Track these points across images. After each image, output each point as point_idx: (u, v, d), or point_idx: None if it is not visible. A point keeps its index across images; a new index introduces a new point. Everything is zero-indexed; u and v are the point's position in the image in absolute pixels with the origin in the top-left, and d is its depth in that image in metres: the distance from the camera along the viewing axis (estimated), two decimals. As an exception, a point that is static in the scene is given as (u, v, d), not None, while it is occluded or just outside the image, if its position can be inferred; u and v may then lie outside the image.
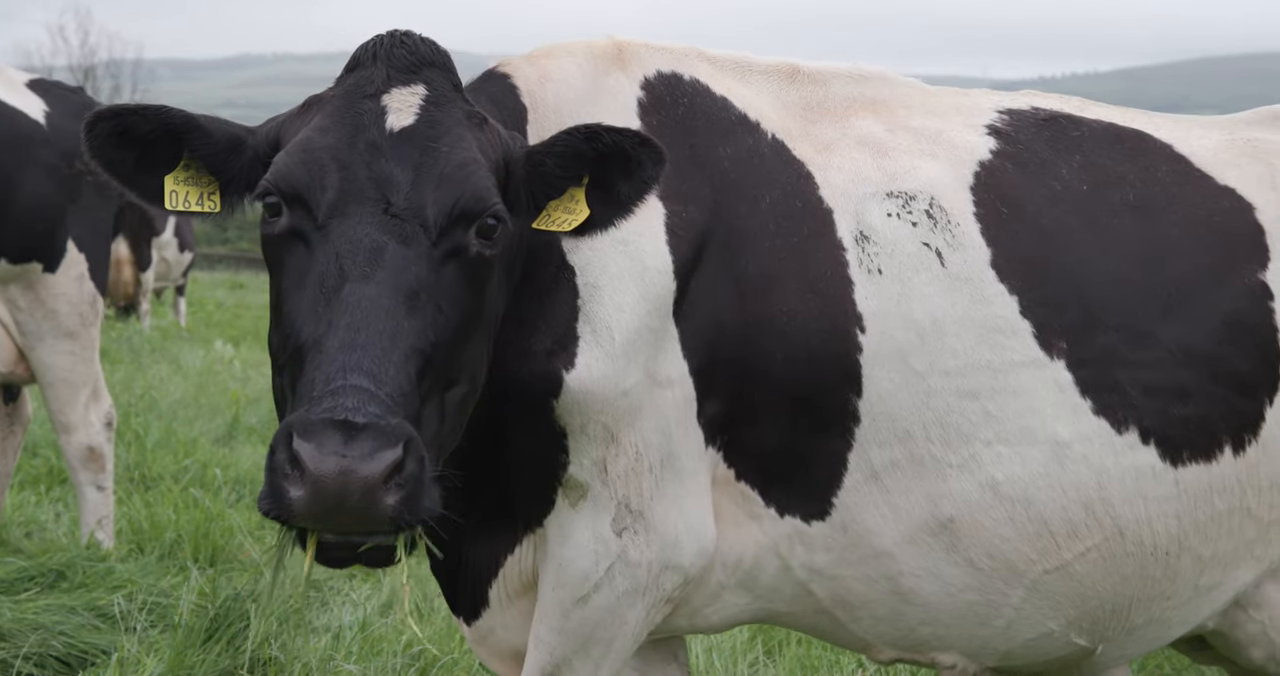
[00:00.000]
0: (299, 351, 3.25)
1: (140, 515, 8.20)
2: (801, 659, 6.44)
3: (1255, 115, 4.55)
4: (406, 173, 3.36)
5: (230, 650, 5.79)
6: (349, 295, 3.21)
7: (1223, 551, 4.06)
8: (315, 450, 2.98)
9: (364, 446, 2.98)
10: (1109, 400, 3.88)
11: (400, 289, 3.24)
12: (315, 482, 2.98)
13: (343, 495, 2.98)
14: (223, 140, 3.62)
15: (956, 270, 3.88)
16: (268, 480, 3.07)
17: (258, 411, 12.52)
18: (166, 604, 6.51)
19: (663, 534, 3.81)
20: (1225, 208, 4.11)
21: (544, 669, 3.91)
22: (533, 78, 3.99)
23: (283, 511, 3.04)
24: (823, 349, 3.81)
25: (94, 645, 6.21)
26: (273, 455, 3.06)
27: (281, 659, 5.77)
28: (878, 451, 3.86)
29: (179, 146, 3.60)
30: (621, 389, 3.70)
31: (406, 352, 3.19)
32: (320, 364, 3.13)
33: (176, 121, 3.59)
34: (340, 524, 3.06)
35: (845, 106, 4.19)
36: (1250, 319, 4.00)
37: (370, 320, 3.17)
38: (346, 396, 3.04)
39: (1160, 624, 4.13)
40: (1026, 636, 4.03)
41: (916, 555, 3.91)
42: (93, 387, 7.71)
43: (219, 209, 3.65)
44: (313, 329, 3.23)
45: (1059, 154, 4.11)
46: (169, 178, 3.61)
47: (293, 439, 3.02)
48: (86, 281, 7.50)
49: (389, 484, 3.01)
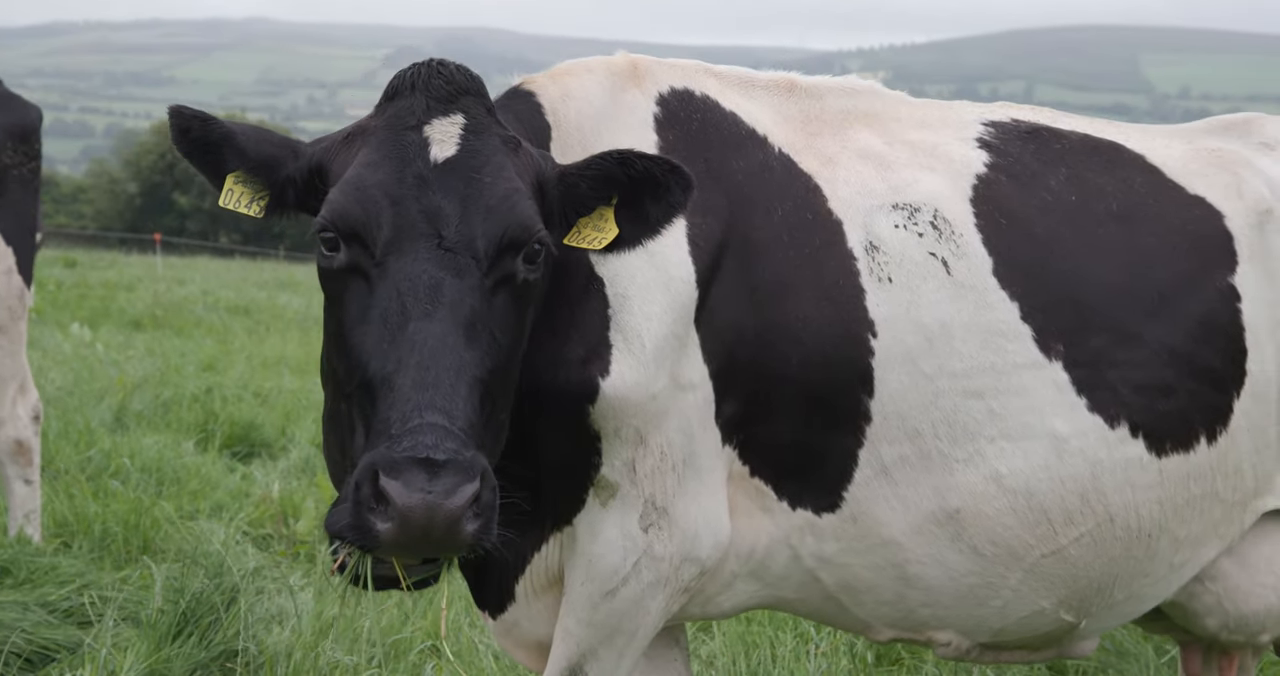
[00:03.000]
0: (368, 385, 3.48)
1: (63, 508, 8.19)
2: (742, 635, 6.69)
3: (1209, 125, 4.90)
4: (454, 204, 3.57)
5: (204, 644, 5.88)
6: (415, 333, 3.44)
7: (1194, 532, 4.40)
8: (402, 487, 3.24)
9: (447, 482, 3.25)
10: (1102, 398, 4.20)
11: (460, 323, 3.47)
12: (403, 517, 3.24)
13: (429, 527, 3.25)
14: (256, 159, 3.82)
15: (961, 278, 4.16)
16: (353, 512, 3.31)
17: (142, 397, 12.45)
18: (122, 599, 6.56)
19: (684, 528, 4.04)
20: (1197, 216, 4.44)
21: (571, 659, 4.12)
22: (556, 96, 4.18)
23: (369, 542, 3.31)
24: (836, 353, 4.07)
25: (53, 641, 6.26)
26: (358, 490, 3.30)
27: (254, 650, 5.88)
28: (888, 448, 4.12)
29: (224, 157, 3.83)
30: (651, 393, 3.92)
31: (470, 384, 3.43)
32: (394, 402, 3.37)
33: (214, 135, 3.82)
34: (423, 551, 3.35)
35: (841, 119, 4.44)
36: (1222, 319, 4.34)
37: (437, 357, 3.40)
38: (425, 435, 3.28)
39: (1137, 599, 4.47)
40: (1020, 614, 4.34)
41: (923, 543, 4.19)
42: (20, 382, 7.70)
43: (262, 215, 3.86)
44: (381, 365, 3.45)
45: (1046, 166, 4.40)
46: (230, 176, 3.84)
47: (379, 476, 3.25)
48: (14, 275, 7.48)
49: (469, 514, 3.27)
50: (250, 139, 3.83)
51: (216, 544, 7.50)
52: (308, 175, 3.81)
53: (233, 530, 8.09)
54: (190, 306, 24.18)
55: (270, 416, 11.99)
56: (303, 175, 3.81)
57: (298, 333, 20.86)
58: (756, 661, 6.41)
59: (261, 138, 3.86)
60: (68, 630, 6.38)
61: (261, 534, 8.49)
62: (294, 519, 8.70)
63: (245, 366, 15.79)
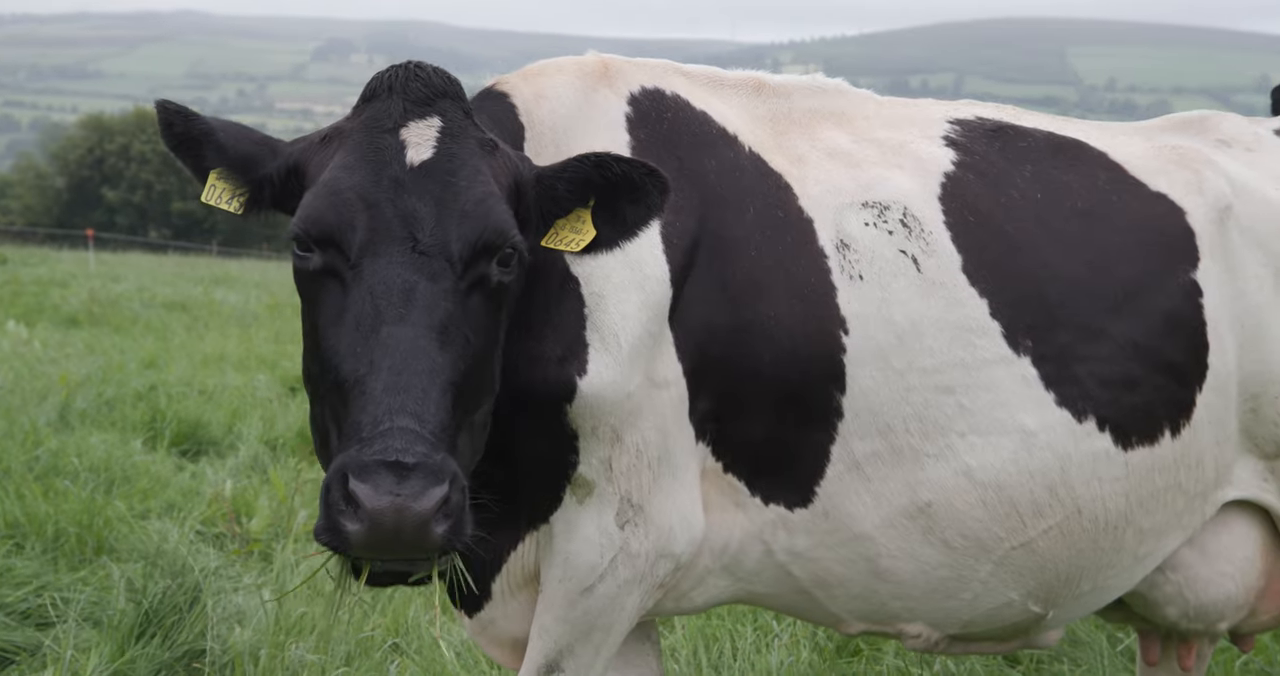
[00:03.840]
0: (340, 387, 3.50)
1: (14, 509, 8.12)
2: (702, 628, 6.74)
3: (1167, 122, 4.98)
4: (429, 208, 3.58)
5: (168, 644, 5.87)
6: (388, 337, 3.45)
7: (1158, 523, 4.48)
8: (371, 490, 3.26)
9: (415, 485, 3.27)
10: (1070, 392, 4.27)
11: (433, 326, 3.49)
12: (372, 519, 3.26)
13: (398, 529, 3.27)
14: (235, 157, 3.84)
15: (931, 275, 4.21)
16: (324, 515, 3.34)
17: (86, 395, 12.35)
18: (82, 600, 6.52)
19: (659, 525, 4.08)
20: (1160, 213, 4.51)
21: (548, 655, 4.15)
22: (529, 96, 4.20)
23: (341, 543, 3.33)
24: (809, 350, 4.11)
25: (11, 643, 6.22)
26: (328, 492, 3.33)
27: (218, 650, 5.87)
28: (860, 443, 4.17)
29: (205, 152, 3.86)
30: (627, 392, 3.96)
31: (443, 387, 3.45)
32: (366, 405, 3.39)
33: (195, 131, 3.85)
34: (393, 553, 3.35)
35: (809, 118, 4.48)
36: (1184, 314, 4.42)
37: (409, 361, 3.42)
38: (395, 438, 3.31)
39: (1103, 590, 4.55)
40: (989, 606, 4.40)
41: (895, 537, 4.24)
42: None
43: (241, 213, 3.87)
44: (353, 367, 3.47)
45: (1012, 164, 4.46)
46: (213, 172, 3.86)
47: (348, 479, 3.27)
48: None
49: (438, 516, 3.29)
50: (230, 136, 3.85)
51: (172, 543, 7.49)
52: (285, 175, 3.83)
53: (187, 529, 8.06)
54: (126, 303, 24.00)
55: (217, 414, 11.93)
56: (280, 175, 3.83)
57: (237, 329, 20.74)
58: (717, 653, 6.46)
59: (241, 135, 3.88)
60: (26, 632, 6.33)
61: (215, 532, 8.45)
62: (247, 517, 8.67)
63: (187, 364, 15.69)
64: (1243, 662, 6.63)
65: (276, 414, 12.22)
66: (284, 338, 19.64)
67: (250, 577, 7.37)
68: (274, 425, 11.67)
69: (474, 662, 6.19)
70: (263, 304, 25.73)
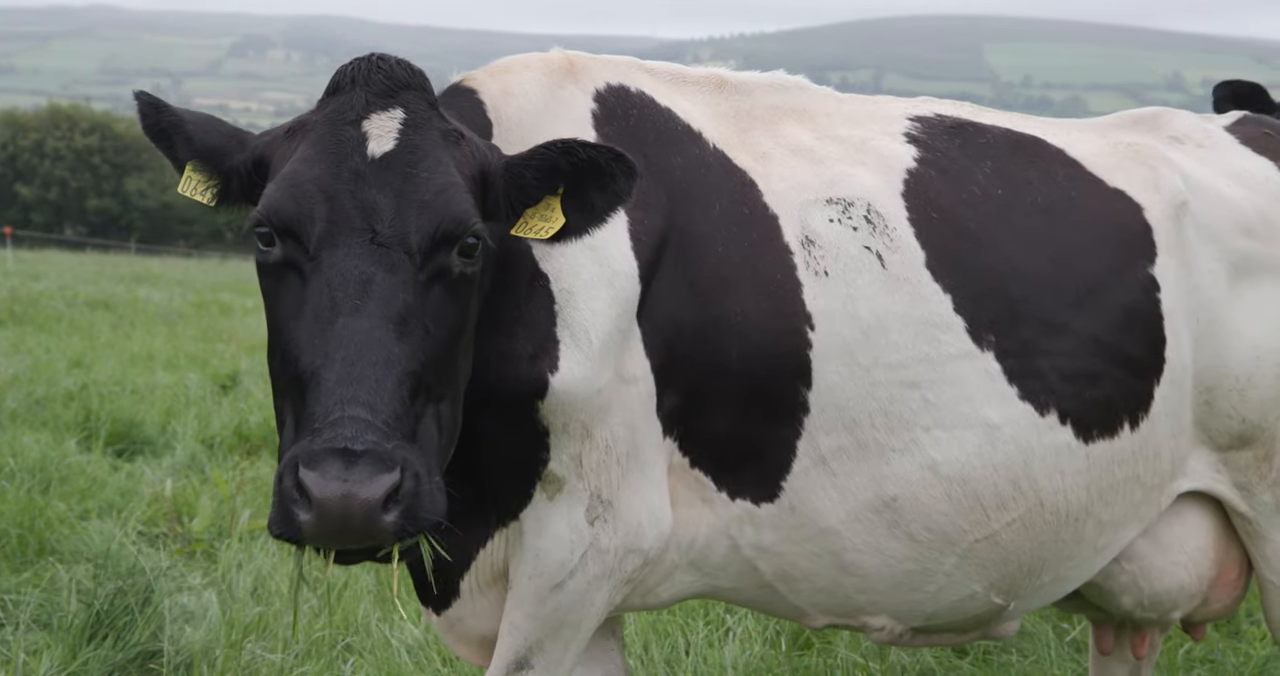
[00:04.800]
0: (298, 379, 3.51)
1: (-50, 510, 8.02)
2: (653, 624, 6.77)
3: (1118, 119, 5.05)
4: (389, 199, 3.59)
5: (120, 645, 5.82)
6: (342, 328, 3.46)
7: (1117, 515, 4.55)
8: (319, 477, 3.27)
9: (363, 471, 3.28)
10: (1032, 386, 4.32)
11: (390, 317, 3.49)
12: (320, 507, 3.27)
13: (346, 517, 3.28)
14: (203, 148, 3.86)
15: (896, 271, 4.25)
16: (277, 505, 3.36)
17: (16, 394, 12.21)
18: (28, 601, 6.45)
19: (627, 520, 4.10)
20: (1119, 209, 4.57)
21: (518, 652, 4.16)
22: (497, 93, 4.20)
23: (293, 533, 3.35)
24: (775, 346, 4.14)
25: (-44, 646, 6.14)
26: (280, 482, 3.35)
27: (171, 651, 5.83)
28: (826, 438, 4.21)
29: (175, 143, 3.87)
30: (597, 388, 3.98)
31: (399, 378, 3.46)
32: (319, 396, 3.40)
33: (165, 122, 3.87)
34: (345, 542, 3.36)
35: (771, 115, 4.51)
36: (1143, 309, 4.48)
37: (363, 352, 3.43)
38: (345, 427, 3.32)
39: (1062, 581, 4.61)
40: (953, 598, 4.45)
41: (860, 531, 4.28)
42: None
43: (214, 205, 3.89)
44: (310, 359, 3.48)
45: (972, 161, 4.51)
46: (190, 164, 3.87)
47: (299, 468, 3.29)
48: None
49: (389, 503, 3.30)
50: (198, 127, 3.86)
51: (116, 543, 7.42)
52: (251, 167, 3.83)
53: (130, 530, 7.99)
54: (49, 301, 23.66)
55: (151, 413, 11.82)
56: (246, 167, 3.83)
57: (163, 327, 20.55)
58: (669, 648, 6.49)
59: (210, 127, 3.89)
60: (-29, 635, 6.25)
61: (156, 533, 8.39)
62: (189, 517, 8.61)
63: (115, 363, 15.52)
64: (1185, 651, 6.74)
65: (211, 412, 12.12)
66: (211, 336, 19.49)
67: (196, 578, 7.32)
68: (209, 423, 11.59)
69: (427, 661, 6.19)
70: (188, 302, 25.52)
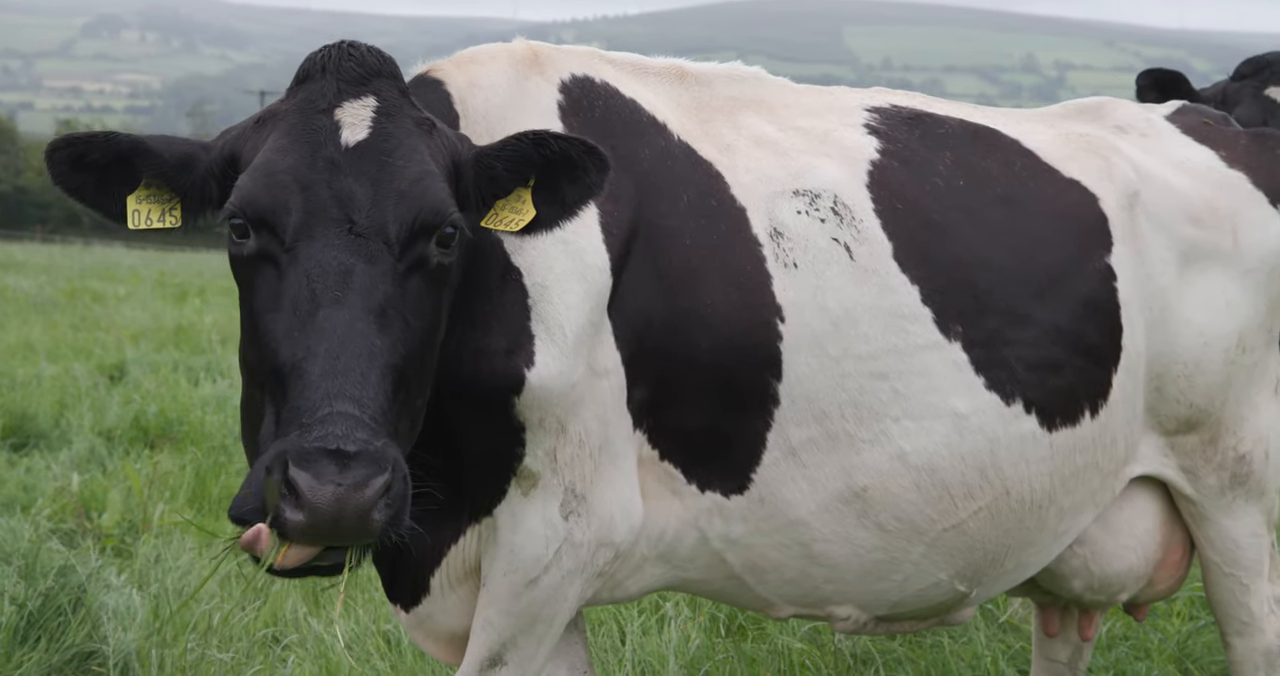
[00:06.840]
0: (278, 372, 3.45)
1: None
2: (587, 613, 6.74)
3: (1064, 109, 5.13)
4: (366, 189, 3.54)
5: (55, 647, 5.70)
6: (324, 320, 3.42)
7: (1077, 501, 4.63)
8: (313, 479, 3.23)
9: (357, 474, 3.24)
10: (998, 376, 4.38)
11: (371, 309, 3.45)
12: (314, 509, 3.23)
13: (339, 518, 3.25)
14: (173, 159, 3.75)
15: (864, 263, 4.28)
16: (255, 496, 3.32)
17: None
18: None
19: (600, 514, 4.09)
20: (1076, 200, 4.64)
21: (492, 648, 4.13)
22: (463, 84, 4.17)
23: (280, 530, 3.29)
24: (745, 338, 4.15)
25: (-122, 652, 5.97)
26: (267, 477, 3.28)
27: (106, 652, 5.72)
28: (796, 430, 4.23)
29: (135, 168, 3.71)
30: (572, 382, 3.96)
31: (383, 370, 3.43)
32: (304, 390, 3.35)
33: (123, 146, 3.72)
34: (332, 541, 3.34)
35: (730, 106, 4.52)
36: (1102, 298, 4.56)
37: (347, 344, 3.39)
38: (335, 424, 3.27)
39: (1023, 567, 4.68)
40: (919, 587, 4.50)
41: (830, 522, 4.31)
42: None
43: (180, 224, 3.79)
44: (291, 352, 3.42)
45: (933, 151, 4.55)
46: (131, 197, 3.74)
47: (289, 465, 3.24)
48: None
49: (379, 504, 3.28)
50: (160, 141, 3.76)
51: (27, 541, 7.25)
52: (223, 165, 3.74)
53: (41, 527, 7.81)
54: (-96, 293, 23.03)
55: (42, 405, 11.53)
56: (219, 166, 3.74)
57: (38, 316, 20.07)
58: (605, 637, 6.49)
59: (170, 139, 3.80)
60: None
61: (65, 529, 8.21)
62: (97, 512, 8.44)
63: (-5, 353, 15.16)
64: (1106, 629, 6.87)
65: (105, 404, 11.88)
66: (89, 324, 19.10)
67: (112, 574, 7.17)
68: (105, 415, 11.34)
69: (366, 657, 6.13)
70: (59, 290, 24.93)
